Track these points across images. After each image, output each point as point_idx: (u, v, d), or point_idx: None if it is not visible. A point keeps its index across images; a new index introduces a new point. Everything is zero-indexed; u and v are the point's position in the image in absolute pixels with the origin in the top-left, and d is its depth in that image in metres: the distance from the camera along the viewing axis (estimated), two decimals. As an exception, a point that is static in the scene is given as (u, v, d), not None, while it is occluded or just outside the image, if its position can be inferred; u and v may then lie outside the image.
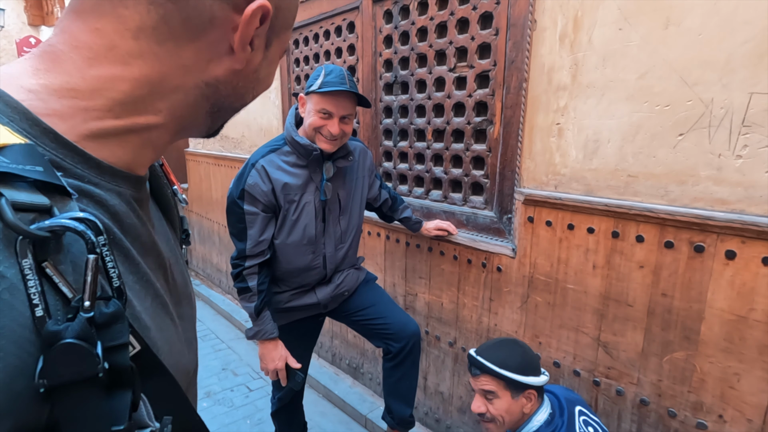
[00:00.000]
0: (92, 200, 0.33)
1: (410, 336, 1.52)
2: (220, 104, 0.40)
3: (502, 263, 1.57)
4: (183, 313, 0.46)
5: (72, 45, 0.34)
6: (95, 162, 0.34)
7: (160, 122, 0.37)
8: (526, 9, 1.38)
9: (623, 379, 1.31)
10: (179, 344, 0.42)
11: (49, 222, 0.27)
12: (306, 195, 1.37)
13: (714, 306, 1.11)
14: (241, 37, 0.36)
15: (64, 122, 0.33)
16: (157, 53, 0.35)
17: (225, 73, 0.38)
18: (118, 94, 0.34)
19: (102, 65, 0.34)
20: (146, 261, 0.39)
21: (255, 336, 1.40)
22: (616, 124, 1.23)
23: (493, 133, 1.56)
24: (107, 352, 0.28)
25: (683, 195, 1.14)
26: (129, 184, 0.38)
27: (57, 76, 0.33)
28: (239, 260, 1.37)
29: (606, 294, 1.31)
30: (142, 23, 0.34)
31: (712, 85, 1.06)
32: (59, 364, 0.25)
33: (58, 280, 0.27)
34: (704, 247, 1.11)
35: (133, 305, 0.35)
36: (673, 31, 1.11)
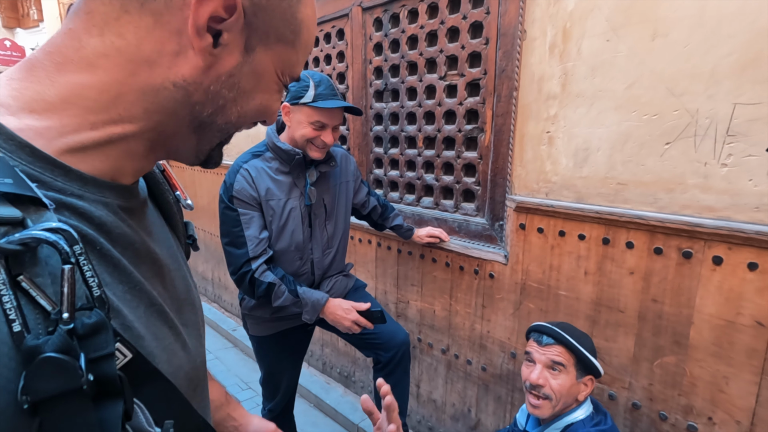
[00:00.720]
0: (74, 212, 0.33)
1: (399, 345, 1.51)
2: (198, 115, 0.38)
3: (495, 270, 1.58)
4: (186, 319, 0.45)
5: (46, 50, 0.34)
6: (77, 174, 0.34)
7: (136, 131, 0.36)
8: (515, 19, 1.39)
9: (615, 384, 1.32)
10: (181, 351, 0.42)
11: (19, 235, 0.26)
12: (291, 200, 1.36)
13: (703, 311, 1.14)
14: (194, 19, 0.33)
15: (41, 137, 0.32)
16: (119, 48, 0.34)
17: (192, 71, 0.36)
18: (87, 102, 0.34)
19: (69, 71, 0.33)
20: (140, 269, 0.38)
21: (314, 313, 1.35)
22: (606, 133, 1.26)
23: (484, 140, 1.58)
24: (92, 363, 0.27)
25: (672, 202, 1.17)
26: (115, 193, 0.37)
27: (29, 86, 0.33)
28: (243, 267, 1.31)
29: (597, 300, 1.33)
30: (106, 15, 0.34)
31: (698, 95, 1.09)
32: (41, 379, 0.25)
33: (36, 294, 0.27)
34: (692, 254, 1.13)
35: (124, 314, 0.35)
36: (660, 43, 1.13)
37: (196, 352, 0.46)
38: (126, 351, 0.32)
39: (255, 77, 0.39)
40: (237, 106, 0.40)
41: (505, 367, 1.61)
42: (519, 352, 1.55)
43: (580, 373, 1.12)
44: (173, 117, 0.37)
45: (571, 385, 1.11)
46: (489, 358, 1.66)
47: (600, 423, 1.11)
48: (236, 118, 0.40)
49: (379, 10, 1.81)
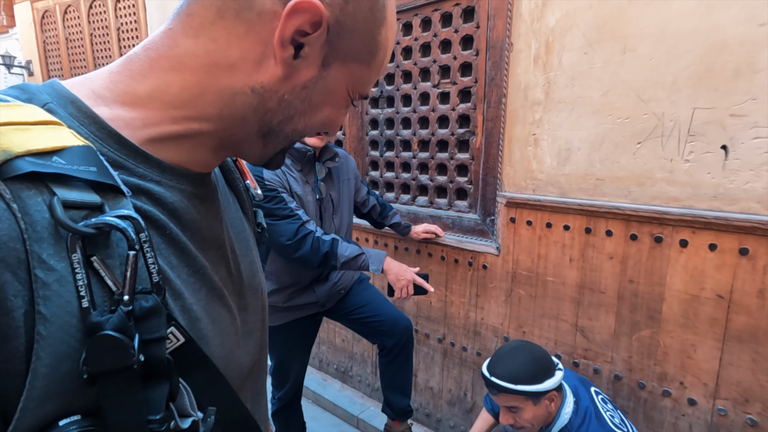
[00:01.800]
0: (150, 198, 0.36)
1: (403, 331, 1.63)
2: (269, 122, 0.40)
3: (488, 261, 1.72)
4: (247, 304, 0.47)
5: (145, 47, 0.37)
6: (156, 162, 0.37)
7: (211, 130, 0.38)
8: (503, 33, 1.55)
9: (599, 359, 1.48)
10: (235, 336, 0.43)
11: (95, 219, 0.28)
12: (306, 195, 1.45)
13: (672, 288, 1.30)
14: (281, 30, 0.35)
15: (128, 127, 0.36)
16: (209, 51, 0.36)
17: (270, 79, 0.37)
18: (170, 98, 0.36)
19: (161, 67, 0.36)
20: (206, 254, 0.41)
21: (379, 263, 1.46)
22: (585, 135, 1.42)
23: (475, 143, 1.72)
24: (144, 345, 0.29)
25: (643, 194, 1.33)
26: (189, 181, 0.40)
27: (124, 80, 0.36)
28: (301, 230, 1.33)
29: (581, 284, 1.48)
30: (204, 19, 0.36)
31: (663, 101, 1.27)
32: (99, 353, 0.27)
33: (105, 274, 0.29)
34: (662, 238, 1.30)
35: (184, 297, 0.37)
36: (629, 56, 1.31)
37: (253, 338, 0.48)
38: (179, 335, 0.33)
39: (326, 92, 0.40)
40: (305, 117, 0.41)
41: (498, 351, 1.75)
42: (512, 336, 1.69)
43: (535, 400, 1.17)
44: (245, 121, 0.39)
45: (534, 412, 1.18)
46: (483, 344, 1.79)
47: (587, 415, 1.16)
48: (303, 127, 0.42)
49: (374, 22, 1.94)
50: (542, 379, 1.16)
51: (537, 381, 1.15)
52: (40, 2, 4.35)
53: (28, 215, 0.27)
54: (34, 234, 0.27)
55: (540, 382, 1.15)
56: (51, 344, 0.26)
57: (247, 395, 0.47)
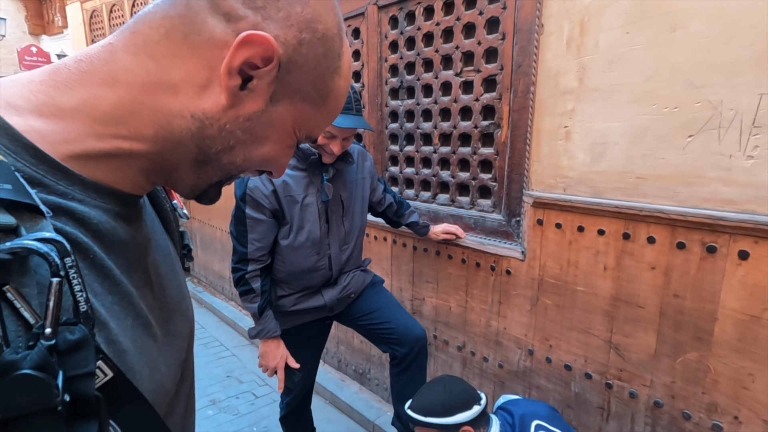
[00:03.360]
0: (72, 218, 0.32)
1: (415, 341, 1.52)
2: (206, 150, 0.38)
3: (511, 266, 1.57)
4: (175, 330, 0.44)
5: (77, 58, 0.35)
6: (79, 179, 0.33)
7: (143, 151, 0.36)
8: (532, 14, 1.39)
9: (636, 381, 1.31)
10: (163, 366, 0.41)
11: (9, 243, 0.25)
12: (308, 197, 1.37)
13: (726, 306, 1.11)
14: (229, 59, 0.34)
15: (44, 140, 0.32)
16: (150, 70, 0.34)
17: (213, 107, 0.36)
18: (98, 113, 0.34)
19: (92, 81, 0.34)
20: (131, 278, 0.38)
21: (258, 335, 1.41)
22: (623, 127, 1.24)
23: (500, 136, 1.57)
24: (70, 382, 0.26)
25: (692, 196, 1.15)
26: (116, 201, 0.37)
27: (46, 90, 0.33)
28: (240, 264, 1.38)
29: (616, 296, 1.31)
30: (148, 38, 0.35)
31: (720, 87, 1.08)
32: (14, 396, 0.24)
33: (20, 305, 0.26)
34: (716, 248, 1.11)
35: (110, 328, 0.34)
36: (679, 35, 1.12)
37: (182, 365, 0.45)
38: (107, 370, 0.30)
39: (271, 126, 0.39)
40: (246, 149, 0.40)
41: (522, 364, 1.60)
42: (536, 349, 1.54)
43: (452, 430, 1.16)
44: (181, 146, 0.37)
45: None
46: (505, 355, 1.65)
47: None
48: (241, 161, 0.40)
49: (394, 8, 1.83)
50: (455, 412, 1.16)
51: (448, 414, 1.16)
52: (89, 2, 4.55)
53: None
54: None
55: (451, 416, 1.16)
56: None
57: (179, 423, 0.45)
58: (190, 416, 0.50)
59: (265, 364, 1.43)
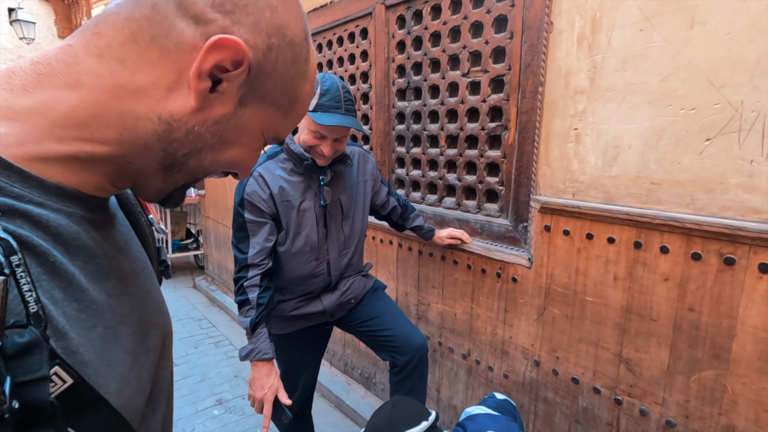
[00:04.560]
0: (29, 220, 0.31)
1: (416, 349, 1.47)
2: (173, 153, 0.37)
3: (518, 273, 1.51)
4: (153, 344, 0.43)
5: (34, 61, 0.34)
6: (37, 181, 0.32)
7: (106, 153, 0.35)
8: (542, 11, 1.33)
9: (647, 399, 1.23)
10: (135, 381, 0.38)
11: None
12: (305, 201, 1.34)
13: (746, 322, 1.04)
14: (200, 62, 0.34)
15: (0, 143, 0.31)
16: (114, 72, 0.33)
17: (180, 109, 0.35)
18: (57, 115, 0.33)
19: (51, 84, 0.33)
20: (102, 286, 0.36)
21: (248, 356, 1.26)
22: (638, 129, 1.18)
23: (508, 138, 1.52)
24: (20, 387, 0.25)
25: (711, 203, 1.07)
26: (81, 204, 0.35)
27: (1, 93, 0.32)
28: (241, 272, 1.30)
29: (628, 307, 1.24)
30: (112, 40, 0.34)
31: (742, 87, 1.00)
32: None
33: None
34: (735, 260, 1.04)
35: (70, 338, 0.31)
36: (698, 31, 1.05)
37: (158, 380, 0.43)
38: (66, 376, 0.29)
39: (240, 130, 0.39)
40: (214, 152, 0.39)
41: (528, 375, 1.54)
42: (543, 360, 1.48)
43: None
44: (146, 149, 0.36)
45: None
46: (511, 365, 1.59)
47: None
48: (209, 164, 0.40)
49: (402, 7, 1.79)
50: (400, 429, 1.12)
51: (395, 431, 1.13)
52: (111, 6, 4.67)
53: None
54: None
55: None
56: None
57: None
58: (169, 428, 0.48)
59: (252, 394, 1.25)
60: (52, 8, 8.59)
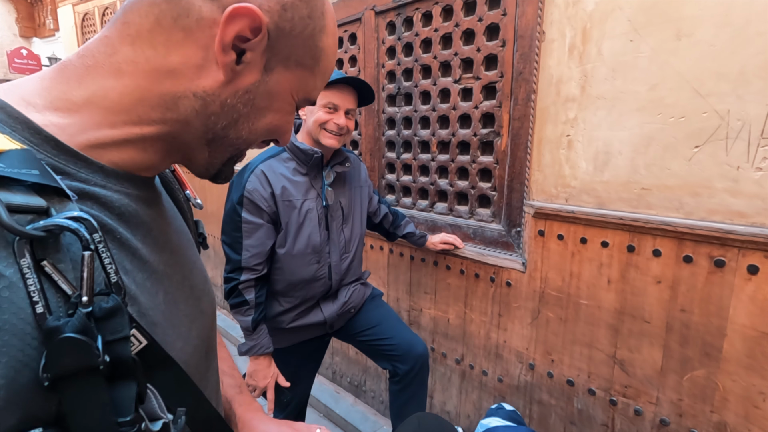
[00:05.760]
0: (96, 202, 0.35)
1: (418, 357, 1.46)
2: (213, 127, 0.39)
3: (512, 278, 1.53)
4: (202, 308, 0.47)
5: (80, 54, 0.36)
6: (98, 166, 0.36)
7: (154, 133, 0.38)
8: (534, 21, 1.36)
9: (641, 398, 1.27)
10: (196, 340, 0.43)
11: (43, 222, 0.27)
12: (307, 202, 1.32)
13: (736, 322, 1.08)
14: (221, 36, 0.35)
15: (63, 132, 0.34)
16: (149, 58, 0.36)
17: (212, 84, 0.37)
18: (109, 103, 0.36)
19: (98, 74, 0.36)
20: (161, 257, 0.40)
21: (249, 351, 1.30)
22: (627, 136, 1.21)
23: (500, 144, 1.54)
24: (108, 345, 0.29)
25: (698, 207, 1.12)
26: (134, 185, 0.39)
27: (56, 86, 0.35)
28: (234, 274, 1.28)
29: (621, 309, 1.27)
30: (140, 27, 0.36)
31: (727, 96, 1.05)
32: (60, 357, 0.26)
33: (57, 278, 0.28)
34: (725, 262, 1.08)
35: (140, 302, 0.36)
36: (684, 43, 1.09)
37: (209, 340, 0.49)
38: (141, 338, 0.33)
39: (270, 96, 0.41)
40: (249, 122, 0.41)
41: (522, 379, 1.56)
42: (537, 363, 1.50)
43: None
44: (189, 125, 0.39)
45: None
46: (506, 369, 1.61)
47: None
48: (247, 133, 0.42)
49: (392, 13, 1.80)
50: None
51: None
52: (81, 5, 4.48)
53: None
54: None
55: None
56: (5, 354, 0.25)
57: (211, 395, 0.47)
58: (219, 395, 0.53)
59: (254, 383, 1.33)
60: (14, 6, 8.21)
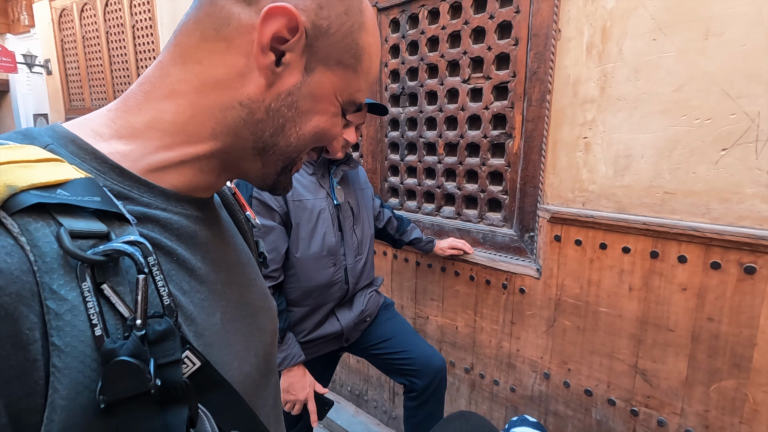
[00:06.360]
0: (157, 224, 0.36)
1: (436, 372, 1.39)
2: (261, 135, 0.39)
3: (525, 284, 1.48)
4: (261, 325, 0.47)
5: (140, 82, 0.38)
6: (160, 190, 0.37)
7: (208, 151, 0.38)
8: (549, 18, 1.31)
9: (665, 409, 1.23)
10: (253, 359, 0.43)
11: (103, 247, 0.28)
12: (318, 201, 1.25)
13: (767, 331, 1.05)
14: (258, 37, 0.35)
15: (127, 159, 0.36)
16: (197, 73, 0.36)
17: (255, 90, 0.37)
18: (165, 125, 0.37)
19: (156, 98, 0.37)
20: (218, 276, 0.41)
21: (282, 364, 1.19)
22: (651, 139, 1.17)
23: (512, 147, 1.48)
24: (160, 369, 0.29)
25: (727, 213, 1.08)
26: (194, 206, 0.40)
27: (121, 116, 0.37)
28: None
29: (643, 318, 1.23)
30: (188, 45, 0.37)
31: (759, 98, 1.01)
32: (114, 381, 0.26)
33: (116, 301, 0.29)
34: (756, 269, 1.04)
35: (197, 322, 0.36)
36: (713, 42, 1.05)
37: (268, 356, 0.48)
38: (195, 359, 0.33)
39: (313, 98, 0.40)
40: (296, 126, 0.40)
41: (536, 388, 1.51)
42: (552, 373, 1.45)
43: None
44: (238, 137, 0.38)
45: None
46: (518, 379, 1.55)
47: None
48: (296, 140, 0.41)
49: (396, 10, 1.73)
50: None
51: None
52: (58, 1, 4.29)
53: (37, 247, 0.26)
54: (44, 265, 0.26)
55: None
56: (67, 375, 0.26)
57: (269, 420, 0.47)
58: (279, 407, 0.53)
59: (294, 397, 1.20)
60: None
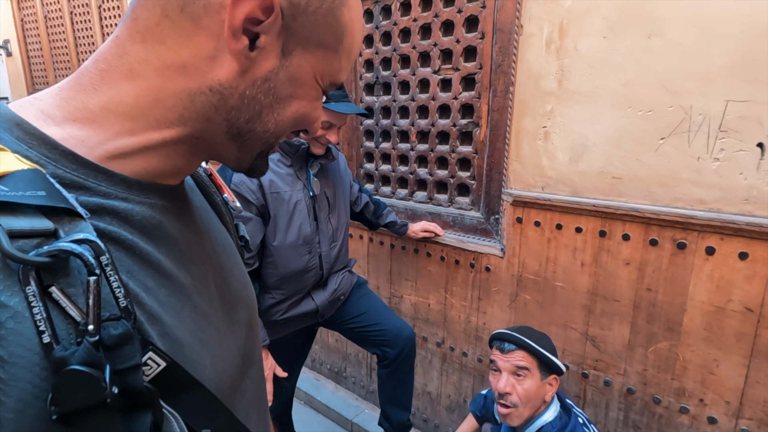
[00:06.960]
0: (116, 216, 0.33)
1: (406, 341, 1.52)
2: (235, 122, 0.36)
3: (491, 263, 1.60)
4: (239, 317, 0.46)
5: (94, 59, 0.35)
6: (120, 178, 0.34)
7: (176, 137, 0.36)
8: (512, 14, 1.40)
9: (610, 371, 1.38)
10: (227, 353, 0.42)
11: (47, 247, 0.26)
12: (295, 193, 1.33)
13: (695, 298, 1.20)
14: (229, 20, 0.32)
15: (83, 145, 0.33)
16: (160, 54, 0.33)
17: (227, 75, 0.34)
18: (125, 108, 0.34)
19: (112, 78, 0.34)
20: (188, 270, 0.38)
21: None
22: (602, 129, 1.29)
23: (479, 135, 1.58)
24: (118, 375, 0.27)
25: (665, 196, 1.22)
26: (159, 195, 0.37)
27: (75, 96, 0.34)
28: None
29: (594, 290, 1.37)
30: (148, 22, 0.33)
31: (692, 93, 1.14)
32: (67, 391, 0.25)
33: (65, 304, 0.27)
34: (686, 244, 1.19)
35: (163, 321, 0.34)
36: (656, 42, 1.17)
37: (245, 349, 0.46)
38: (159, 360, 0.31)
39: (292, 82, 0.37)
40: (273, 112, 0.38)
41: (501, 358, 1.65)
42: (515, 343, 1.59)
43: (543, 374, 1.18)
44: (210, 123, 0.36)
45: (537, 388, 1.17)
46: (485, 350, 1.69)
47: (566, 426, 1.15)
48: (274, 126, 0.39)
49: (369, 1, 1.78)
50: (555, 356, 1.20)
51: (554, 353, 1.20)
52: (13, -23, 4.06)
53: None
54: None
55: (555, 356, 1.20)
56: (14, 387, 0.24)
57: (249, 414, 0.46)
58: (262, 398, 0.51)
59: None
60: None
